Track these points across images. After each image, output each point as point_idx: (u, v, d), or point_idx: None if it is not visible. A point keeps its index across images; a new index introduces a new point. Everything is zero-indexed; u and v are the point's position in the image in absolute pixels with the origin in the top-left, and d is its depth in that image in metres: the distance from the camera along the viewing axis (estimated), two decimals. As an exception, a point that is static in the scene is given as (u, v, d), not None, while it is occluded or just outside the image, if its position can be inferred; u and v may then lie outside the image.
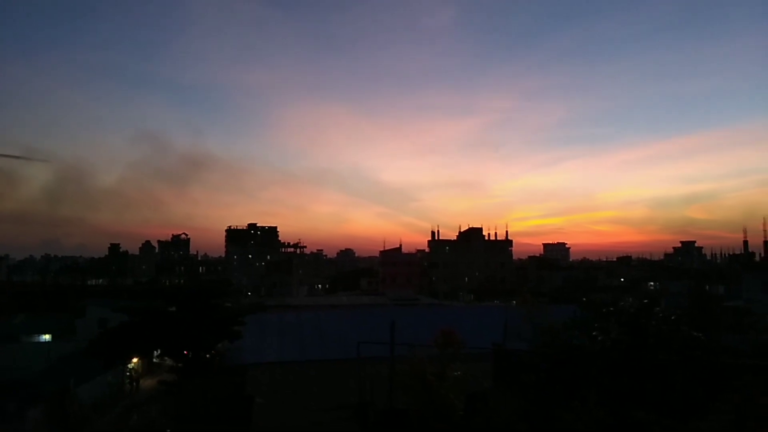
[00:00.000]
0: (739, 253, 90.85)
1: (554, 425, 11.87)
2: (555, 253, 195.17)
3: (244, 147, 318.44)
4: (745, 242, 78.28)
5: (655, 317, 15.51)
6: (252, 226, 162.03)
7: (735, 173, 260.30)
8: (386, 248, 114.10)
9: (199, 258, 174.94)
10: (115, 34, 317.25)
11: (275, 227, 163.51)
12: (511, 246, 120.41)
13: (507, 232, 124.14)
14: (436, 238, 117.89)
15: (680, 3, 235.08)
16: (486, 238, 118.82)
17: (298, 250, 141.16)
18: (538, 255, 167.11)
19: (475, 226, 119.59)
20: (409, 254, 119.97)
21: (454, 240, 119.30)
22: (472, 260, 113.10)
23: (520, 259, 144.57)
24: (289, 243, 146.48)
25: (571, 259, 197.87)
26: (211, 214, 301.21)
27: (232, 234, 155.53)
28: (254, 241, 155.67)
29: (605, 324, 15.58)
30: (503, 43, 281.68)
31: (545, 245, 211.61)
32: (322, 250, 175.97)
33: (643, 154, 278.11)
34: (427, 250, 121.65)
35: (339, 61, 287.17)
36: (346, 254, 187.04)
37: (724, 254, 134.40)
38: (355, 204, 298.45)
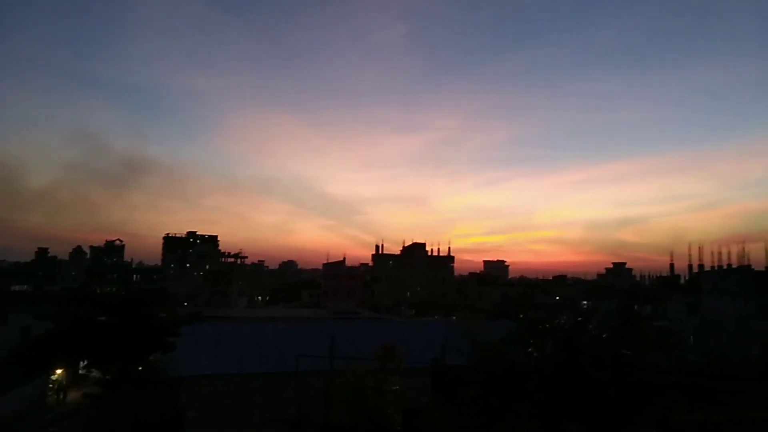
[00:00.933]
0: (666, 275, 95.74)
1: (489, 439, 12.04)
2: (495, 270, 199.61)
3: (187, 152, 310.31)
4: (672, 265, 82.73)
5: (588, 335, 16.09)
6: (191, 234, 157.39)
7: (664, 199, 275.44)
8: (330, 261, 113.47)
9: (134, 265, 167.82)
10: (54, 28, 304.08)
11: (215, 236, 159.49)
12: (453, 262, 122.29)
13: (449, 248, 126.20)
14: (380, 252, 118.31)
15: (618, 37, 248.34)
16: (429, 253, 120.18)
17: (238, 261, 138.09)
18: (478, 272, 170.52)
19: (418, 242, 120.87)
20: (353, 268, 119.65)
21: (397, 255, 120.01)
22: (414, 275, 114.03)
23: (461, 275, 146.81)
24: (229, 253, 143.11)
25: (509, 277, 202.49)
26: (149, 220, 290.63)
27: (170, 241, 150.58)
28: (193, 250, 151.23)
29: (541, 340, 16.02)
30: (451, 63, 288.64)
31: (485, 262, 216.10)
32: (263, 261, 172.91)
33: (580, 177, 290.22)
34: (370, 263, 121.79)
35: (288, 71, 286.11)
36: (289, 266, 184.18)
37: (652, 276, 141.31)
38: (299, 215, 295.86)
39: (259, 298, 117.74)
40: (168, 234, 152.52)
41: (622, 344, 17.51)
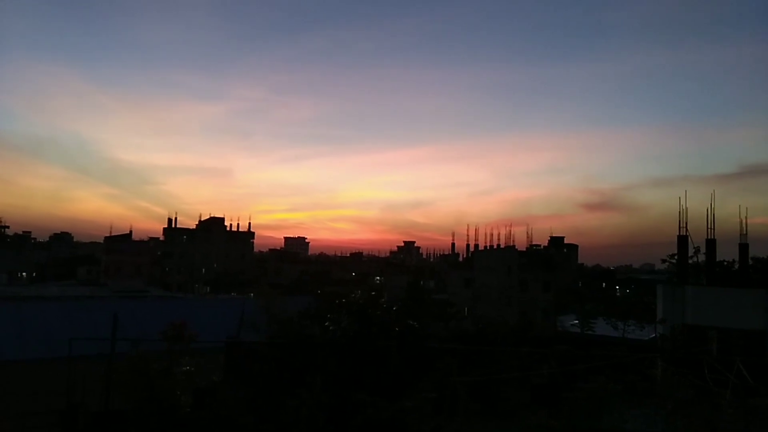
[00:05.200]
0: (448, 253, 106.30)
1: (281, 413, 12.10)
2: (296, 247, 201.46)
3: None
4: (453, 244, 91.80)
5: (379, 308, 17.05)
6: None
7: (450, 184, 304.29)
8: (113, 234, 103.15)
9: None
10: None
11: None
12: (253, 238, 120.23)
13: (249, 224, 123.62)
14: (173, 226, 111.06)
15: (421, 28, 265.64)
16: (228, 228, 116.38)
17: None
18: (279, 248, 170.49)
19: (217, 216, 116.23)
20: (141, 242, 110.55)
21: (192, 229, 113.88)
22: (211, 251, 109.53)
23: (261, 252, 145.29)
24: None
25: (310, 254, 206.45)
26: None
27: None
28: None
29: (337, 315, 16.55)
30: (257, 34, 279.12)
31: (286, 239, 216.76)
32: (30, 232, 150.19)
33: (379, 159, 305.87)
34: (161, 238, 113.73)
35: (72, 19, 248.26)
36: (62, 238, 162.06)
37: (437, 254, 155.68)
38: (78, 181, 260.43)
39: (24, 274, 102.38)
40: None
41: (409, 316, 18.95)
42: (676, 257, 29.46)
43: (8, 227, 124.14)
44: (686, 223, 27.77)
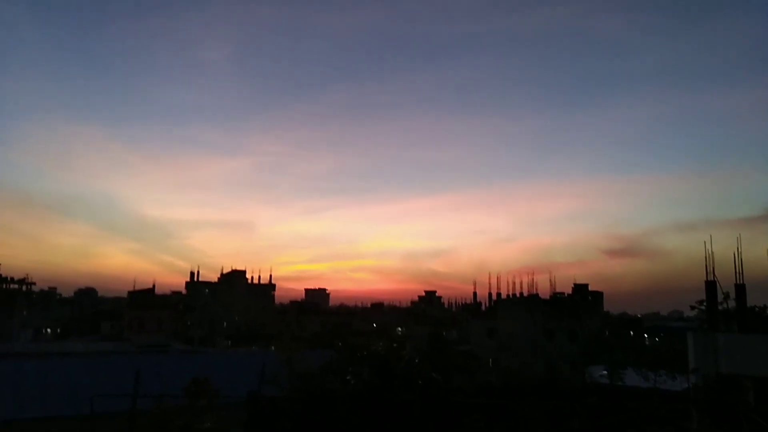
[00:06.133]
0: (469, 302, 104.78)
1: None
2: (316, 298, 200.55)
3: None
4: (475, 293, 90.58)
5: (401, 360, 16.81)
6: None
7: (470, 232, 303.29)
8: (137, 289, 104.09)
9: None
10: None
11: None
12: (274, 290, 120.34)
13: (270, 276, 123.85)
14: (196, 279, 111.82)
15: (440, 80, 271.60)
16: (250, 281, 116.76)
17: (24, 287, 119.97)
18: (300, 300, 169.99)
19: (238, 269, 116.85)
20: (163, 296, 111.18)
21: (214, 282, 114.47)
22: (232, 304, 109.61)
23: (282, 304, 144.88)
24: (12, 278, 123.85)
25: (330, 305, 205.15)
26: None
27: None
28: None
29: (358, 367, 16.34)
30: (278, 89, 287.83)
31: (307, 290, 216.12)
32: (56, 288, 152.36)
33: (399, 209, 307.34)
34: (184, 292, 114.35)
35: (99, 80, 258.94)
36: (87, 293, 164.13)
37: (459, 303, 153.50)
38: (103, 237, 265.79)
39: (49, 330, 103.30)
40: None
41: (432, 368, 18.61)
42: (704, 304, 28.69)
43: (35, 283, 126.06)
44: (713, 268, 27.14)
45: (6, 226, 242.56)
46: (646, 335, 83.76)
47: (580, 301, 75.78)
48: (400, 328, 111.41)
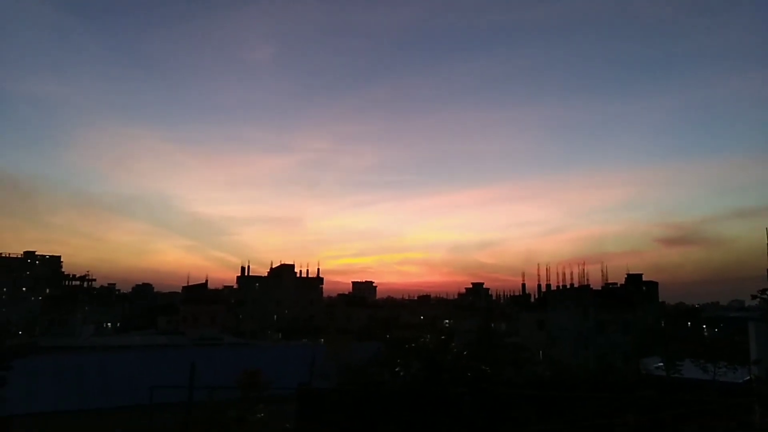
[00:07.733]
0: (518, 294, 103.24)
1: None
2: (363, 291, 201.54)
3: (34, 165, 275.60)
4: (523, 285, 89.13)
5: (450, 353, 16.72)
6: (29, 254, 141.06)
7: (518, 224, 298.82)
8: (190, 284, 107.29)
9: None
10: None
11: (58, 257, 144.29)
12: (322, 283, 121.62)
13: (318, 269, 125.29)
14: (246, 274, 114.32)
15: (482, 71, 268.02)
16: (298, 275, 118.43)
17: (85, 284, 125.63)
18: (347, 293, 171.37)
19: (287, 263, 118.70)
20: (216, 291, 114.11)
21: (264, 276, 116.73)
22: (282, 298, 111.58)
23: (330, 297, 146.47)
24: (74, 275, 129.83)
25: (377, 297, 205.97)
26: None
27: (0, 263, 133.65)
28: (30, 272, 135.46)
29: (407, 360, 16.36)
30: (321, 86, 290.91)
31: (354, 283, 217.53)
32: (114, 284, 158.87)
33: (444, 201, 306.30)
34: (235, 286, 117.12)
35: (151, 83, 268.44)
36: (144, 289, 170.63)
37: (507, 295, 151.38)
38: (158, 235, 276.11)
39: (109, 325, 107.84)
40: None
41: (481, 361, 18.45)
42: (767, 293, 27.29)
43: (95, 280, 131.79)
44: (776, 256, 25.80)
45: (67, 226, 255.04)
46: (704, 326, 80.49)
47: (633, 292, 73.47)
48: (447, 321, 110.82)
